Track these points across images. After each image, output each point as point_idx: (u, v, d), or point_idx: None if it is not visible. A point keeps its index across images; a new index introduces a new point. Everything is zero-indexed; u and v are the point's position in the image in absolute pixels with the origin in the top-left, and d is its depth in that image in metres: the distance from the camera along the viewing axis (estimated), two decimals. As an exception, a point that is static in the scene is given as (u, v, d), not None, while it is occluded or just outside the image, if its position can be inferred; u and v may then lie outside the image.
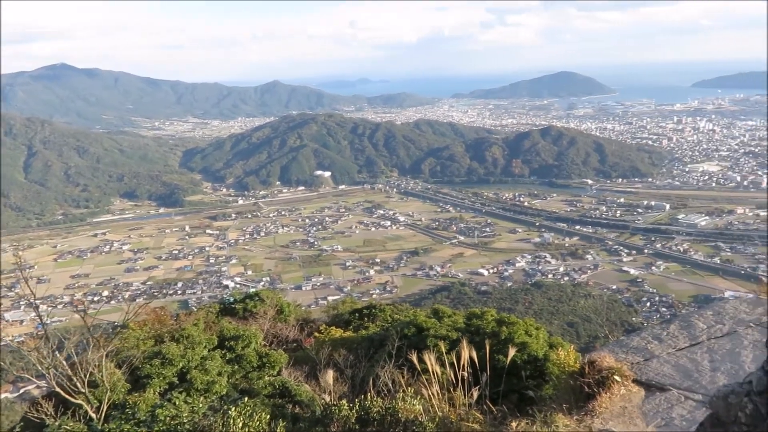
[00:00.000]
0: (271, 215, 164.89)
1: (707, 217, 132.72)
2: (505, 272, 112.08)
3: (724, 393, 4.27)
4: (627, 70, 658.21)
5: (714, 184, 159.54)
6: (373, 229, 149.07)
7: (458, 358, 6.62)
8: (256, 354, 11.87)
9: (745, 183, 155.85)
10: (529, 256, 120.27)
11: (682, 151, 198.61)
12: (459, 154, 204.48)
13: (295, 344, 16.83)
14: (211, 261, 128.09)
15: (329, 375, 7.87)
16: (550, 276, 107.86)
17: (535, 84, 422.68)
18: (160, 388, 9.87)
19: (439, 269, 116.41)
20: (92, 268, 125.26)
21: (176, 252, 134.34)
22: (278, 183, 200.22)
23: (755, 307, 7.37)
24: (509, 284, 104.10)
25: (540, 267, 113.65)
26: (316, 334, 17.00)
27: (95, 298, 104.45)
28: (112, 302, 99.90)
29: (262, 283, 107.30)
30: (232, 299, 22.32)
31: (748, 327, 6.76)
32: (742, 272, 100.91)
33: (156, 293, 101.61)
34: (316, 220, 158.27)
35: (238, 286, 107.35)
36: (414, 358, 6.63)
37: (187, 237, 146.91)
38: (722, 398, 4.24)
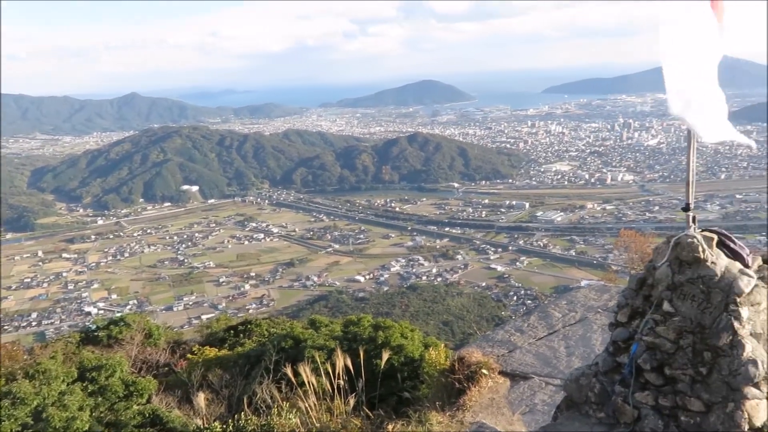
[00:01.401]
0: (135, 234, 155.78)
1: (562, 213, 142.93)
2: (381, 277, 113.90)
3: (575, 376, 4.64)
4: (485, 78, 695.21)
5: (566, 183, 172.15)
6: (246, 242, 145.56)
7: (335, 367, 6.65)
8: (122, 383, 11.15)
9: (593, 180, 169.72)
10: (403, 260, 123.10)
11: (537, 152, 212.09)
12: (330, 163, 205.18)
13: (166, 368, 16.04)
14: (69, 287, 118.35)
15: (201, 397, 7.58)
16: (424, 278, 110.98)
17: (401, 92, 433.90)
18: (11, 431, 9.00)
19: (315, 279, 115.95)
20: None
21: (28, 280, 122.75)
22: (142, 200, 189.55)
23: (602, 293, 8.10)
24: (385, 289, 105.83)
25: (414, 270, 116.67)
26: (189, 355, 16.30)
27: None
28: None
29: (128, 307, 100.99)
30: (94, 326, 20.81)
31: (597, 312, 7.42)
32: (595, 262, 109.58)
33: (6, 327, 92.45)
34: (185, 236, 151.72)
35: (101, 312, 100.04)
36: (289, 371, 6.56)
37: (40, 263, 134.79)
38: (574, 381, 4.60)
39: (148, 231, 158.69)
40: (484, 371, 6.18)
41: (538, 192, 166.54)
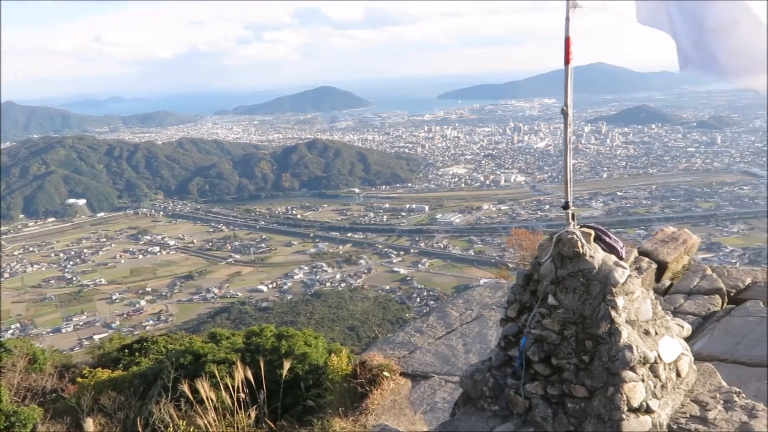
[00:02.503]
0: (15, 253, 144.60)
1: (460, 215, 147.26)
2: (284, 286, 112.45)
3: (470, 372, 4.79)
4: (381, 84, 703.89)
5: (463, 185, 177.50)
6: (140, 256, 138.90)
7: (240, 380, 6.50)
8: (2, 414, 10.34)
9: (488, 182, 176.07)
10: (307, 267, 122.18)
11: (434, 157, 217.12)
12: (227, 171, 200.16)
13: (54, 394, 15.03)
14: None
15: (89, 423, 7.17)
16: (328, 284, 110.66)
17: (298, 99, 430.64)
18: None
19: (216, 291, 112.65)
20: None
21: None
22: (22, 216, 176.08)
23: (496, 291, 8.45)
24: (289, 297, 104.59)
25: (318, 277, 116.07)
26: (80, 379, 15.37)
27: None
28: None
29: (10, 332, 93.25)
30: (-32, 356, 19.13)
31: (492, 309, 7.73)
32: (492, 261, 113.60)
33: None
34: (73, 253, 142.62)
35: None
36: (186, 387, 6.34)
37: None
38: (469, 376, 4.76)
39: (31, 249, 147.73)
40: (386, 374, 6.26)
41: (437, 195, 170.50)
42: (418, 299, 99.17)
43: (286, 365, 7.14)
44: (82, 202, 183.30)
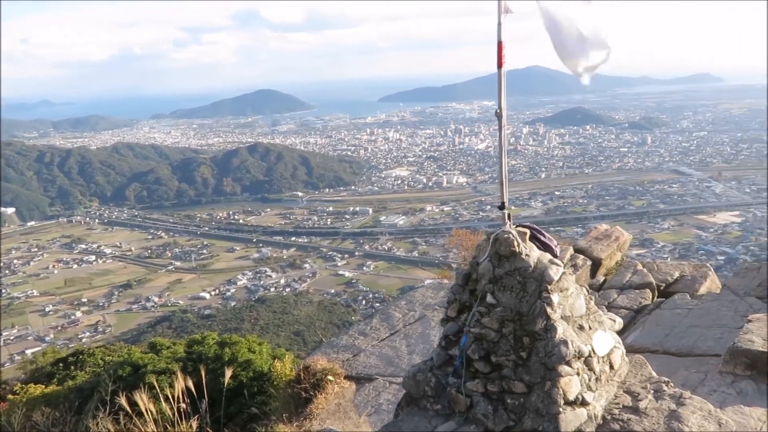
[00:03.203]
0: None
1: (404, 217, 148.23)
2: (228, 292, 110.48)
3: (413, 372, 4.84)
4: (323, 87, 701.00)
5: (406, 187, 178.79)
6: (75, 266, 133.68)
7: (181, 390, 6.36)
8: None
9: (430, 184, 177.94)
10: (250, 273, 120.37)
11: (377, 159, 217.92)
12: (166, 176, 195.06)
13: (-18, 414, 14.30)
14: None
15: (20, 441, 6.86)
16: (272, 289, 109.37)
17: (238, 102, 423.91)
18: None
19: (156, 299, 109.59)
20: None
21: None
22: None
23: (438, 291, 8.56)
24: (233, 304, 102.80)
25: (262, 282, 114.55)
26: (11, 396, 14.70)
27: None
28: None
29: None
30: None
31: (434, 310, 7.83)
32: (436, 261, 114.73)
33: None
34: (2, 264, 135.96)
35: None
36: (124, 400, 6.15)
37: None
38: (412, 377, 4.80)
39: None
40: (330, 378, 6.25)
41: (381, 197, 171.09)
42: (364, 302, 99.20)
43: (228, 373, 7.03)
44: (11, 210, 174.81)
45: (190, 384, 6.50)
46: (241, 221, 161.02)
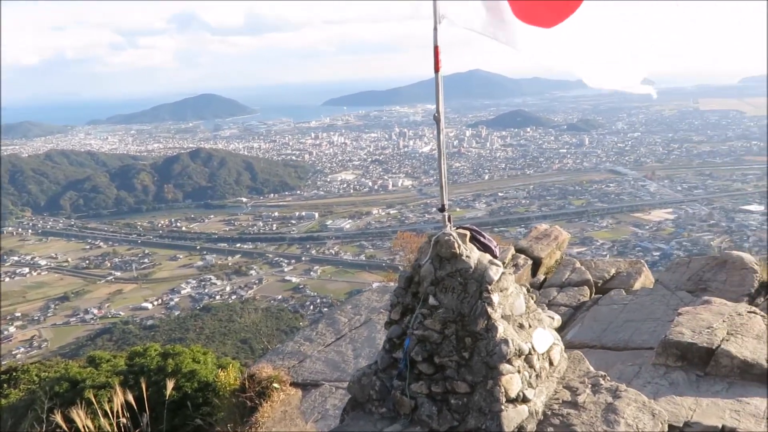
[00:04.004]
0: None
1: (351, 220, 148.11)
2: (171, 302, 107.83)
3: (357, 376, 4.84)
4: (265, 91, 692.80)
5: (352, 191, 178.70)
6: (7, 279, 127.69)
7: (121, 404, 6.17)
8: None
9: (376, 187, 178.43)
10: (194, 281, 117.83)
11: (322, 163, 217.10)
12: (104, 184, 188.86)
13: None
14: None
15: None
16: (218, 297, 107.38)
17: (178, 107, 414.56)
18: None
19: (96, 312, 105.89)
20: None
21: None
22: None
23: (384, 294, 8.61)
24: (177, 313, 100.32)
25: (206, 290, 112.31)
26: (-64, 419, 13.92)
27: None
28: None
29: None
30: None
31: (380, 313, 7.87)
32: (384, 264, 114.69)
33: None
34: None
35: None
36: (59, 417, 5.92)
37: None
38: (357, 381, 4.81)
39: None
40: (275, 385, 6.19)
41: (327, 201, 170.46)
42: (312, 307, 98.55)
43: (170, 384, 6.86)
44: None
45: (131, 397, 6.31)
46: (183, 228, 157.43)
